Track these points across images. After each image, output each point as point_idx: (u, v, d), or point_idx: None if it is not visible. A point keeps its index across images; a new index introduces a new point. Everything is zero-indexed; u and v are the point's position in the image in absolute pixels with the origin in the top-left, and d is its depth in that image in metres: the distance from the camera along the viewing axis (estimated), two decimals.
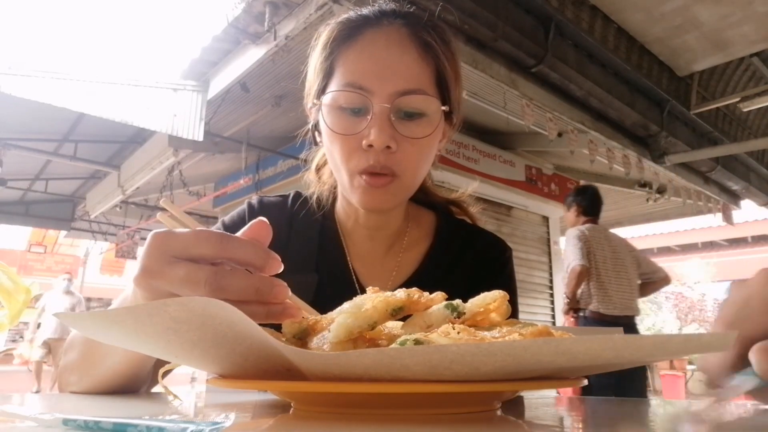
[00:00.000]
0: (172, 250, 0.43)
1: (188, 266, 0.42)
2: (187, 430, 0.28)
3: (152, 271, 0.43)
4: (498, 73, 3.32)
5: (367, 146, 0.67)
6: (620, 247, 3.45)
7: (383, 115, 0.67)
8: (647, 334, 0.36)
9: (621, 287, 3.33)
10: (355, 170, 0.70)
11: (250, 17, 3.07)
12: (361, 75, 0.69)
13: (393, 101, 0.68)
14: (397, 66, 0.69)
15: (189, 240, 0.43)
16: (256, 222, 0.47)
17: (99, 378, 0.62)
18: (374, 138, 0.66)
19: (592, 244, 3.31)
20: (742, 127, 5.48)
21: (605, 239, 3.40)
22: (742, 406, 0.56)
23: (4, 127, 4.81)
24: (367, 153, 0.68)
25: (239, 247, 0.44)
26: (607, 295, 3.27)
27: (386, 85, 0.68)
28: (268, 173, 5.49)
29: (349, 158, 0.70)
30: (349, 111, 0.69)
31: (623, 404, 0.65)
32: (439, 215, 0.91)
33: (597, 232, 3.40)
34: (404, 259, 0.83)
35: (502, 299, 0.44)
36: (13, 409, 0.43)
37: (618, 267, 3.36)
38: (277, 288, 0.44)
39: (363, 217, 0.82)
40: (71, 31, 7.31)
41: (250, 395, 0.63)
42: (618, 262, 3.38)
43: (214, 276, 0.42)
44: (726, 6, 3.33)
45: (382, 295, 0.43)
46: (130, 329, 0.37)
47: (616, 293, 3.30)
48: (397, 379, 0.35)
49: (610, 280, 3.30)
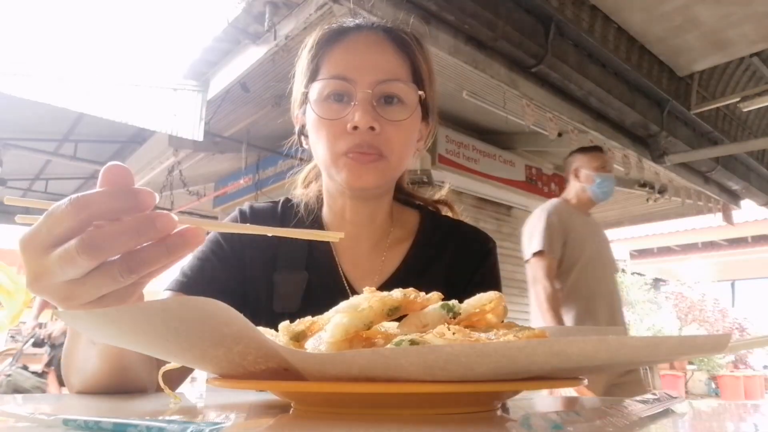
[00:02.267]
0: (40, 243, 0.39)
1: (57, 250, 0.38)
2: (187, 430, 0.28)
3: (35, 275, 0.40)
4: (498, 73, 3.32)
5: (352, 128, 0.74)
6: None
7: (366, 100, 0.75)
8: (642, 336, 0.37)
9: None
10: (341, 151, 0.76)
11: (250, 17, 3.08)
12: (345, 67, 0.77)
13: (374, 87, 0.75)
14: (377, 60, 0.78)
15: (47, 225, 0.39)
16: (107, 168, 0.41)
17: (86, 377, 0.63)
18: (359, 119, 0.73)
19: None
20: (742, 127, 5.48)
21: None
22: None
23: (4, 127, 4.82)
24: (352, 135, 0.75)
25: (97, 202, 0.38)
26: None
27: (367, 75, 0.76)
28: (268, 173, 5.49)
29: (335, 141, 0.76)
30: (334, 99, 0.77)
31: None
32: (422, 214, 0.94)
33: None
34: (388, 257, 0.86)
35: (497, 300, 0.44)
36: (13, 409, 0.43)
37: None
38: (160, 219, 0.39)
39: (349, 211, 0.85)
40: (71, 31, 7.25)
41: (249, 395, 0.64)
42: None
43: (83, 242, 0.37)
44: (726, 6, 3.33)
45: (378, 294, 0.43)
46: (128, 329, 0.37)
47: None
48: (393, 379, 0.35)
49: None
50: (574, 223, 2.50)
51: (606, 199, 2.59)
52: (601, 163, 2.57)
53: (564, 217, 2.48)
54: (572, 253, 2.44)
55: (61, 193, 7.25)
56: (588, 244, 2.49)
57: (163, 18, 4.71)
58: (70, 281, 0.39)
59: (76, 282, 0.39)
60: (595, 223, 2.68)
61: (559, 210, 2.51)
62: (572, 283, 2.44)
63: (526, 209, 5.71)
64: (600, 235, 2.65)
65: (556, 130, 3.82)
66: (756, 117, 5.48)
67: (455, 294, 0.49)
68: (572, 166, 2.62)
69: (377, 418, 0.39)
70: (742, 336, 8.97)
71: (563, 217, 2.48)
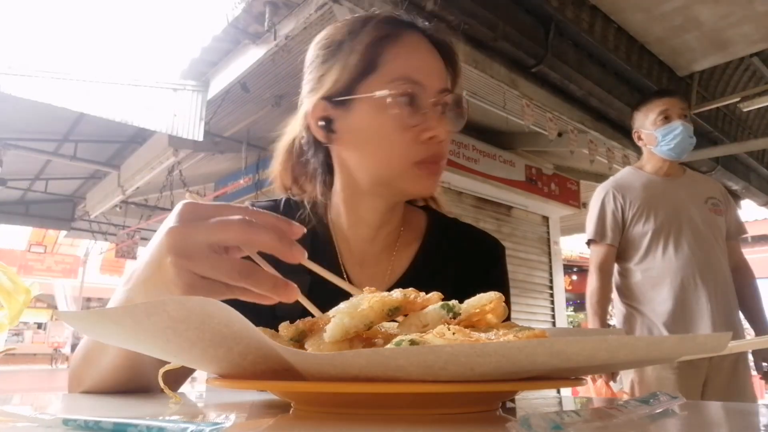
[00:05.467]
0: (204, 214, 0.46)
1: (217, 218, 0.45)
2: (187, 430, 0.28)
3: (182, 234, 0.45)
4: (498, 73, 3.32)
5: (428, 138, 0.72)
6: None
7: (439, 109, 0.74)
8: (642, 335, 0.36)
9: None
10: (413, 160, 0.73)
11: (250, 17, 3.08)
12: (417, 70, 0.73)
13: (441, 96, 0.74)
14: (439, 67, 0.77)
15: (218, 209, 0.47)
16: (290, 228, 0.50)
17: (101, 374, 0.62)
18: (440, 130, 0.72)
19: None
20: (742, 127, 5.48)
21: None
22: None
23: (4, 127, 4.82)
24: (427, 144, 0.73)
25: (265, 232, 0.46)
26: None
27: (436, 82, 0.74)
28: (268, 173, 5.48)
29: (408, 148, 0.73)
30: (403, 103, 0.72)
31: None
32: (429, 215, 0.92)
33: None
34: (397, 260, 0.84)
35: (497, 300, 0.44)
36: (13, 409, 0.43)
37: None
38: (288, 288, 0.47)
39: (371, 214, 0.82)
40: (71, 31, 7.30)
41: (249, 395, 0.64)
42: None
43: (243, 219, 0.45)
44: (726, 6, 3.33)
45: (378, 295, 0.43)
46: (129, 328, 0.37)
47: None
48: (393, 379, 0.35)
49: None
50: (642, 191, 2.08)
51: (683, 153, 2.09)
52: (660, 112, 2.09)
53: (627, 191, 2.08)
54: (641, 227, 2.03)
55: (61, 193, 7.26)
56: (662, 209, 2.04)
57: (163, 18, 4.72)
58: (201, 251, 0.44)
59: (203, 252, 0.44)
60: (682, 185, 2.13)
61: (621, 183, 2.13)
62: (641, 257, 2.03)
63: (526, 209, 5.72)
64: (687, 198, 2.08)
65: (556, 130, 3.81)
66: (756, 117, 5.48)
67: (464, 298, 0.47)
68: (633, 131, 2.21)
69: (377, 418, 0.39)
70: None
71: (626, 190, 2.09)
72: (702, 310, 1.95)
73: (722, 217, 2.12)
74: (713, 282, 1.99)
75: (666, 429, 0.40)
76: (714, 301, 1.97)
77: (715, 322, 1.93)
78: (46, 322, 16.84)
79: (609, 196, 2.10)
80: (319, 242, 0.84)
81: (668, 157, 2.10)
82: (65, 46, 3.97)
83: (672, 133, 2.06)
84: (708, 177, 2.36)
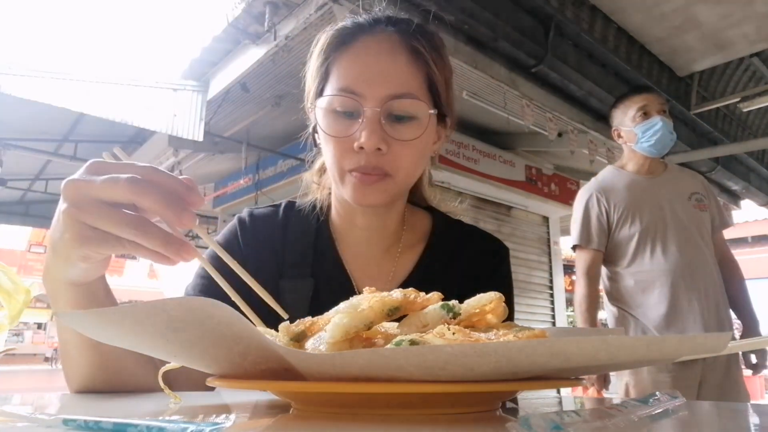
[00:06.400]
0: (96, 171, 0.48)
1: (106, 175, 0.47)
2: (187, 430, 0.28)
3: (74, 196, 0.47)
4: (498, 73, 3.32)
5: (358, 148, 0.70)
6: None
7: (374, 118, 0.70)
8: (642, 336, 0.37)
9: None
10: (346, 169, 0.73)
11: (250, 17, 3.08)
12: (354, 80, 0.72)
13: (383, 105, 0.71)
14: (387, 71, 0.72)
15: (115, 167, 0.48)
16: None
17: (81, 373, 0.63)
18: (365, 140, 0.69)
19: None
20: (742, 127, 5.48)
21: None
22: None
23: (4, 127, 4.82)
24: (358, 154, 0.71)
25: (163, 176, 0.48)
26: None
27: (377, 90, 0.71)
28: (268, 173, 5.49)
29: (341, 158, 0.73)
30: (343, 114, 0.72)
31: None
32: (434, 217, 0.92)
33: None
34: (401, 262, 0.84)
35: (497, 301, 0.44)
36: (13, 409, 0.43)
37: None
38: (183, 247, 0.48)
39: (360, 218, 0.83)
40: (71, 31, 7.35)
41: (250, 395, 0.64)
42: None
43: (133, 177, 0.46)
44: (726, 6, 3.33)
45: (378, 295, 0.43)
46: (129, 329, 0.37)
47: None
48: (393, 379, 0.35)
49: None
50: (625, 193, 2.05)
51: (664, 150, 2.05)
52: (638, 108, 2.05)
53: (610, 193, 2.06)
54: (627, 229, 2.01)
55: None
56: (647, 209, 2.01)
57: (163, 18, 4.73)
58: (92, 203, 0.46)
59: (94, 204, 0.46)
60: (665, 182, 2.10)
61: (604, 186, 2.09)
62: (629, 261, 2.02)
63: (525, 209, 5.72)
64: (671, 196, 2.05)
65: (555, 130, 3.82)
66: (756, 117, 5.48)
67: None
68: (612, 129, 2.17)
69: (377, 418, 0.39)
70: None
71: (609, 192, 2.06)
72: (693, 310, 1.95)
73: (707, 213, 2.10)
74: (702, 282, 1.98)
75: (666, 429, 0.40)
76: (704, 300, 1.96)
77: (706, 322, 1.93)
78: (46, 322, 16.84)
79: (593, 199, 2.08)
80: (321, 245, 0.84)
81: (649, 154, 2.07)
82: (65, 46, 3.97)
83: (652, 129, 2.03)
84: (689, 170, 2.29)
